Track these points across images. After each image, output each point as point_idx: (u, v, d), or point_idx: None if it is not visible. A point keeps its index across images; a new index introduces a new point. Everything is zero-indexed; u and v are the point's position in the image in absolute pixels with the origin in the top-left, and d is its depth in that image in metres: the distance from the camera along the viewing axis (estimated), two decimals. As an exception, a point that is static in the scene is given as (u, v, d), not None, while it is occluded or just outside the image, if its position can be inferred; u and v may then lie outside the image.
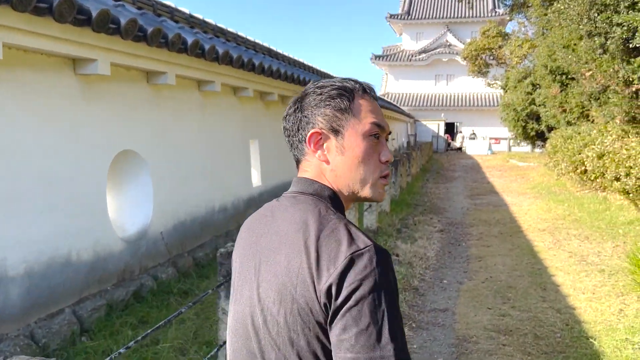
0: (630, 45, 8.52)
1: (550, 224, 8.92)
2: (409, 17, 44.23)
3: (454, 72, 42.54)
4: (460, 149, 36.80)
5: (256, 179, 8.36)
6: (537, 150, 29.32)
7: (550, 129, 23.91)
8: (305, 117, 1.12)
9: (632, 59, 8.76)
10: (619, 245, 7.24)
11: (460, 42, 42.48)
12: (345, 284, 0.93)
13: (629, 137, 9.52)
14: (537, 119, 23.86)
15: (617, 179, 9.23)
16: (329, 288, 0.94)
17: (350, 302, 0.93)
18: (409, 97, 42.33)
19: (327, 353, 0.98)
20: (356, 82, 1.15)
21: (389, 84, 44.09)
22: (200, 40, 5.64)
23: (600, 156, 9.98)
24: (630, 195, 8.77)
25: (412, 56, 42.75)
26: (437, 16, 43.82)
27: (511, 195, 12.58)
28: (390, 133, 1.18)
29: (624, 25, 8.54)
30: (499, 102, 42.96)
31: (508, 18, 31.94)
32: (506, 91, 25.60)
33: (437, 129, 37.19)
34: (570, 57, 11.30)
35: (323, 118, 1.11)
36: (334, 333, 0.94)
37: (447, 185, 14.82)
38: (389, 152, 1.13)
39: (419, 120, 37.93)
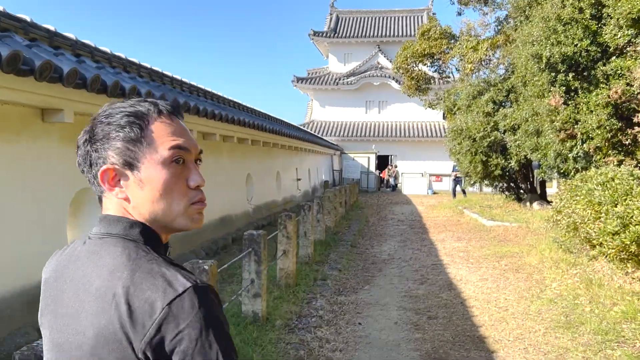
0: None
1: None
2: (336, 35, 36.48)
3: (386, 98, 34.90)
4: (394, 187, 28.65)
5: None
6: (484, 189, 21.46)
7: (524, 165, 15.96)
8: (96, 151, 0.94)
9: None
10: None
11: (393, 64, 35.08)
12: (168, 338, 0.79)
13: None
14: (503, 151, 15.90)
15: None
16: (150, 345, 0.79)
17: (179, 355, 0.79)
18: (337, 126, 34.21)
19: None
20: (152, 103, 0.96)
21: (315, 111, 35.91)
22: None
23: None
24: None
25: (339, 79, 34.84)
26: (367, 35, 36.29)
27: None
28: (201, 152, 1.00)
29: None
30: (439, 132, 35.38)
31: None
32: (454, 113, 17.58)
33: (367, 163, 28.97)
34: None
35: (114, 152, 0.93)
36: None
37: (363, 298, 6.13)
38: (198, 175, 0.96)
39: (346, 153, 29.67)
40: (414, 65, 18.60)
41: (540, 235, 9.76)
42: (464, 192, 22.05)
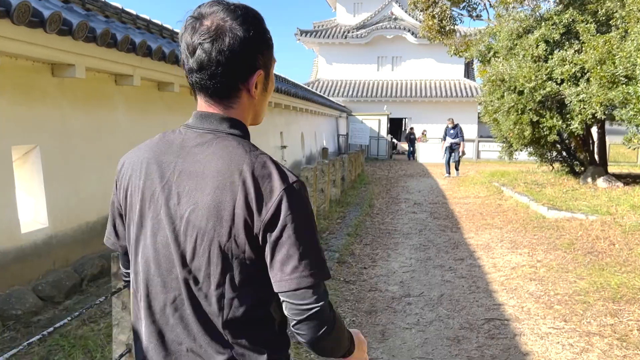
0: None
1: None
2: (344, -19, 31.64)
3: (401, 54, 30.31)
4: (411, 154, 24.36)
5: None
6: (517, 156, 16.40)
7: (586, 127, 11.39)
8: (242, 54, 1.02)
9: None
10: None
11: (410, 15, 30.21)
12: (283, 214, 0.97)
13: None
14: (559, 108, 11.61)
15: None
16: (270, 220, 0.97)
17: (290, 232, 0.97)
18: (345, 86, 29.83)
19: (254, 272, 1.00)
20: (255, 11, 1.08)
21: (320, 69, 31.47)
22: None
23: None
24: None
25: (348, 32, 30.21)
26: (380, -20, 31.39)
27: None
28: None
29: None
30: (460, 91, 30.53)
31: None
32: (488, 60, 13.19)
33: (378, 127, 24.70)
34: None
35: (262, 57, 1.06)
36: (279, 258, 0.98)
37: None
38: None
39: (354, 115, 25.37)
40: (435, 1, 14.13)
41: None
42: (456, 166, 15.38)
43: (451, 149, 15.22)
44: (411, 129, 25.46)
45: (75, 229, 4.46)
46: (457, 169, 15.46)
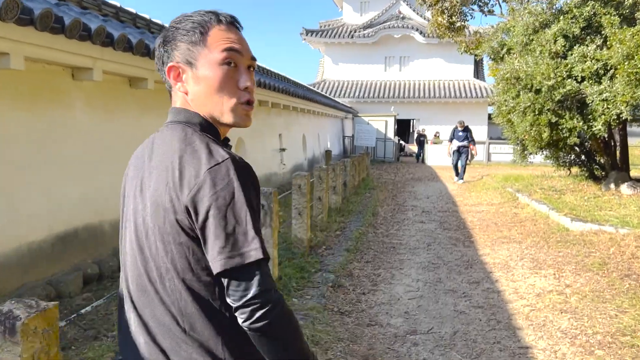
0: None
1: None
2: (350, -21, 30.83)
3: (408, 54, 29.46)
4: (419, 156, 23.41)
5: None
6: (529, 158, 15.13)
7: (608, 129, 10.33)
8: (166, 51, 1.11)
9: None
10: None
11: (417, 13, 29.36)
12: (207, 196, 0.95)
13: None
14: (580, 108, 10.71)
15: None
16: (192, 201, 0.96)
17: (214, 211, 0.95)
18: (352, 86, 29.04)
19: (197, 257, 0.99)
20: (213, 13, 1.11)
21: (326, 69, 30.72)
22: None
23: None
24: None
25: (354, 31, 29.42)
26: (387, -22, 30.54)
27: None
28: (255, 60, 1.13)
29: None
30: (469, 92, 29.54)
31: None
32: (501, 57, 12.32)
33: (385, 128, 23.81)
34: None
35: (179, 52, 1.09)
36: (209, 240, 0.96)
37: None
38: (248, 78, 1.10)
39: (359, 116, 24.50)
40: (446, -6, 13.28)
41: None
42: (458, 171, 14.18)
43: (459, 152, 14.25)
44: (422, 130, 24.51)
45: (12, 251, 3.69)
46: (461, 177, 14.36)
